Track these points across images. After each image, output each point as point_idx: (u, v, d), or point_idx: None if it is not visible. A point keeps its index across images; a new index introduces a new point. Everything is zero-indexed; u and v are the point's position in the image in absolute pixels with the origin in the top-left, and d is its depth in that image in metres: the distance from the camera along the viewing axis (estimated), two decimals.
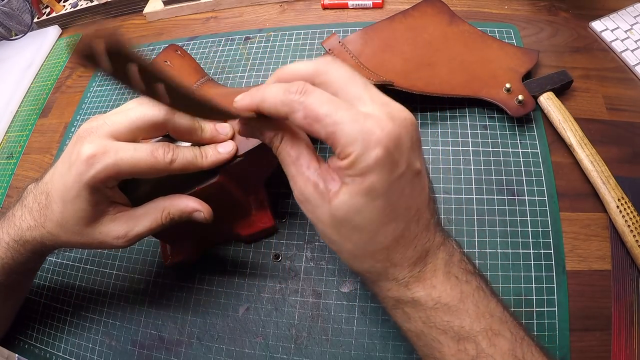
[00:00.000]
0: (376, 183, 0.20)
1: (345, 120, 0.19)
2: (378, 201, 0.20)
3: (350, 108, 0.20)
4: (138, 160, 0.24)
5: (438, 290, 0.22)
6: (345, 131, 0.19)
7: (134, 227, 0.27)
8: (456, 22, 0.43)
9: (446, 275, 0.22)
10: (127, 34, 0.60)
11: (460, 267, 0.23)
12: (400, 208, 0.21)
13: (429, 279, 0.22)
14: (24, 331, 0.39)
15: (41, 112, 0.56)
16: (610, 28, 0.43)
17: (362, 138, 0.19)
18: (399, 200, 0.21)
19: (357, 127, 0.19)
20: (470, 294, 0.22)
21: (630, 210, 0.33)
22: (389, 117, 0.20)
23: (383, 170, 0.20)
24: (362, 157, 0.19)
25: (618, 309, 0.31)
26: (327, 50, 0.41)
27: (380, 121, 0.20)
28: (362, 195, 0.20)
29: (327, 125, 0.20)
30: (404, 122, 0.20)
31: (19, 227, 0.28)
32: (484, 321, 0.22)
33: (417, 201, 0.22)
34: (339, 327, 0.33)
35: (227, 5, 0.57)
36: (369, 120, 0.20)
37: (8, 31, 0.68)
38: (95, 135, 0.24)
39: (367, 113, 0.20)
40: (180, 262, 0.36)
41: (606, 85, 0.41)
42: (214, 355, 0.34)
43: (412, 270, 0.22)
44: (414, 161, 0.21)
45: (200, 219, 0.28)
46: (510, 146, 0.38)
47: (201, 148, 0.27)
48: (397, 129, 0.20)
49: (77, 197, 0.25)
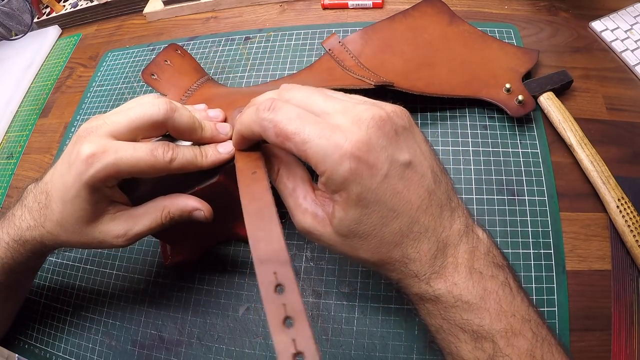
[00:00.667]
0: (361, 193, 0.20)
1: (313, 137, 0.20)
2: (371, 207, 0.20)
3: (317, 122, 0.20)
4: (138, 159, 0.24)
5: (459, 288, 0.21)
6: (313, 149, 0.20)
7: (133, 226, 0.27)
8: (456, 22, 0.43)
9: (469, 271, 0.22)
10: (127, 34, 0.60)
11: (487, 260, 0.22)
12: (399, 205, 0.21)
13: (450, 275, 0.22)
14: (24, 331, 0.39)
15: (41, 112, 0.56)
16: (610, 28, 0.43)
17: (330, 153, 0.19)
18: (394, 198, 0.21)
19: (323, 143, 0.20)
20: (494, 291, 0.21)
21: (630, 210, 0.33)
22: (354, 123, 0.20)
23: (362, 179, 0.20)
24: (335, 173, 0.20)
25: (618, 309, 0.31)
26: (327, 50, 0.41)
27: (346, 131, 0.20)
28: (353, 207, 0.21)
29: (297, 143, 0.20)
30: (372, 122, 0.20)
31: (18, 227, 0.28)
32: (504, 320, 0.21)
33: (418, 191, 0.21)
34: (339, 327, 0.33)
35: (227, 5, 0.57)
36: (335, 133, 0.20)
37: (8, 31, 0.68)
38: (95, 134, 0.24)
39: (334, 125, 0.20)
40: (180, 262, 0.36)
41: (606, 85, 0.41)
42: (214, 355, 0.34)
43: (433, 264, 0.22)
44: (398, 155, 0.21)
45: (200, 218, 0.28)
46: (510, 146, 0.38)
47: (201, 148, 0.27)
48: (364, 133, 0.20)
49: (77, 197, 0.25)
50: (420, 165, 0.22)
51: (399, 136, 0.21)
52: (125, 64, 0.55)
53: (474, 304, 0.21)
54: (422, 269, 0.22)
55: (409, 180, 0.21)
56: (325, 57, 0.41)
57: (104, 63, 0.57)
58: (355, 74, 0.38)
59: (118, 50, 0.58)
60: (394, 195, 0.21)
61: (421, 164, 0.22)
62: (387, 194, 0.20)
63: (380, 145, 0.20)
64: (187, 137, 0.27)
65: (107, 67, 0.56)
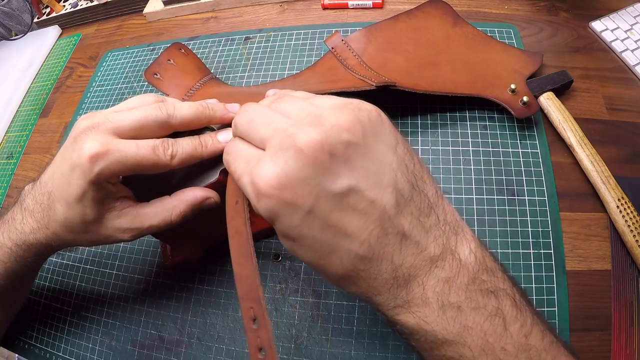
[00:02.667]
0: (282, 230, 0.19)
1: (239, 176, 0.21)
2: (299, 242, 0.19)
3: (246, 157, 0.21)
4: (142, 157, 0.24)
5: (431, 325, 0.19)
6: (243, 187, 0.20)
7: (141, 225, 0.26)
8: (460, 23, 0.43)
9: (441, 307, 0.19)
10: (127, 34, 0.60)
11: (471, 289, 0.19)
12: (334, 239, 0.18)
13: (418, 311, 0.19)
14: (24, 331, 0.39)
15: (41, 112, 0.56)
16: (610, 28, 0.43)
17: (249, 192, 0.19)
18: (325, 233, 0.18)
19: (245, 181, 0.20)
20: (477, 325, 0.19)
21: (630, 210, 0.33)
22: (275, 153, 0.18)
23: (280, 217, 0.18)
24: (259, 210, 0.19)
25: (618, 309, 0.31)
26: (330, 49, 0.41)
27: (264, 167, 0.18)
28: (283, 239, 0.20)
29: (237, 180, 0.21)
30: (294, 152, 0.18)
31: (21, 232, 0.28)
32: (491, 356, 0.18)
33: (365, 221, 0.18)
34: (339, 327, 0.33)
35: (227, 5, 0.57)
36: (255, 169, 0.19)
37: (8, 31, 0.68)
38: (98, 132, 0.24)
39: (258, 157, 0.19)
40: (180, 262, 0.35)
41: (606, 85, 0.41)
42: (214, 355, 0.34)
43: (395, 297, 0.19)
44: (330, 185, 0.18)
45: (211, 205, 0.27)
46: (511, 146, 0.38)
47: (200, 137, 0.27)
48: (280, 169, 0.18)
49: (82, 196, 0.24)
50: (371, 189, 0.18)
51: (337, 159, 0.18)
52: (125, 64, 0.55)
53: (450, 340, 0.19)
54: (386, 302, 0.20)
55: (348, 210, 0.18)
56: (328, 56, 0.41)
57: (104, 63, 0.57)
58: (357, 73, 0.38)
59: (118, 50, 0.58)
60: (325, 230, 0.18)
61: (372, 187, 0.18)
62: (315, 230, 0.18)
63: (301, 178, 0.18)
64: (199, 125, 0.27)
65: (107, 67, 0.56)
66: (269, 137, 0.19)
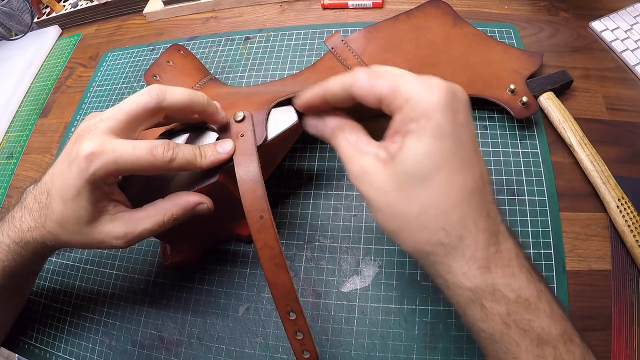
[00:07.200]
0: (442, 121, 0.19)
1: (407, 75, 0.21)
2: (447, 141, 0.20)
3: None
4: (138, 157, 0.24)
5: (518, 281, 0.19)
6: (408, 82, 0.20)
7: (134, 229, 0.26)
8: (460, 24, 0.43)
9: (520, 267, 0.20)
10: (127, 34, 0.60)
11: (529, 261, 0.21)
12: (467, 160, 0.20)
13: (507, 266, 0.19)
14: (24, 331, 0.39)
15: (41, 112, 0.56)
16: (610, 28, 0.43)
17: (424, 84, 0.20)
18: (464, 149, 0.20)
19: (417, 79, 0.21)
20: (544, 291, 0.20)
21: (630, 210, 0.33)
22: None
23: (447, 112, 0.20)
24: (426, 98, 0.20)
25: (618, 308, 0.31)
26: (330, 49, 0.41)
27: (438, 79, 0.21)
28: (430, 136, 0.20)
29: (389, 81, 0.21)
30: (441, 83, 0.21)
31: (19, 229, 0.28)
32: (559, 324, 0.19)
33: (480, 165, 0.21)
34: (339, 327, 0.33)
35: (227, 5, 0.57)
36: (426, 78, 0.21)
37: (8, 31, 0.68)
38: (94, 132, 0.24)
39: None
40: (180, 262, 0.36)
41: (606, 85, 0.41)
42: (214, 355, 0.34)
43: (488, 247, 0.19)
44: (470, 123, 0.21)
45: (204, 211, 0.28)
46: (510, 146, 0.38)
47: (200, 148, 0.27)
48: (452, 87, 0.21)
49: (78, 195, 0.25)
50: (478, 150, 0.21)
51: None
52: (125, 64, 0.55)
53: (532, 302, 0.19)
54: (477, 250, 0.19)
55: (475, 148, 0.21)
56: (328, 56, 0.41)
57: (104, 63, 0.57)
58: None
59: (118, 50, 0.58)
60: (465, 147, 0.20)
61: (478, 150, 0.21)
62: (461, 140, 0.20)
63: (462, 103, 0.21)
64: (191, 113, 0.27)
65: (107, 67, 0.56)
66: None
